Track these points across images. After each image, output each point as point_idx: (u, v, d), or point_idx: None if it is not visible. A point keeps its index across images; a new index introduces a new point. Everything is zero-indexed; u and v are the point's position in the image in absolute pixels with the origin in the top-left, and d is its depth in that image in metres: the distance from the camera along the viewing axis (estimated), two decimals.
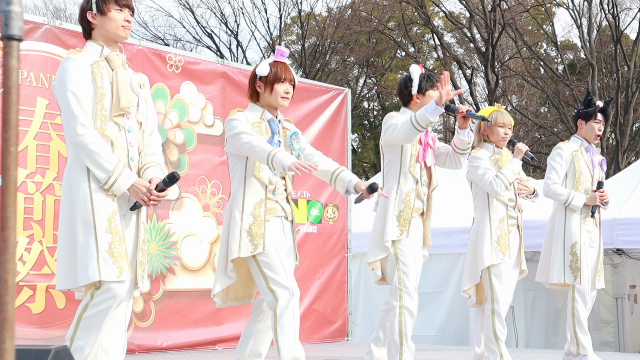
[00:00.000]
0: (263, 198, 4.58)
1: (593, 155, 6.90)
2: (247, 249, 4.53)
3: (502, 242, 6.14)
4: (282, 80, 4.69)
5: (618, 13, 24.96)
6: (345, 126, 9.98)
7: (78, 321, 4.07)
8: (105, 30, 4.26)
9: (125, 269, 4.09)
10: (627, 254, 10.76)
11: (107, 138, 4.13)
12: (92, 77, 4.14)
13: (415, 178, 5.39)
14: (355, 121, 28.70)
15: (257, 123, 4.63)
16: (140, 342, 7.76)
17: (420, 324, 10.40)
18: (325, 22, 27.78)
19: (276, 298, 4.48)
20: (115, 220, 4.10)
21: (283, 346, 4.54)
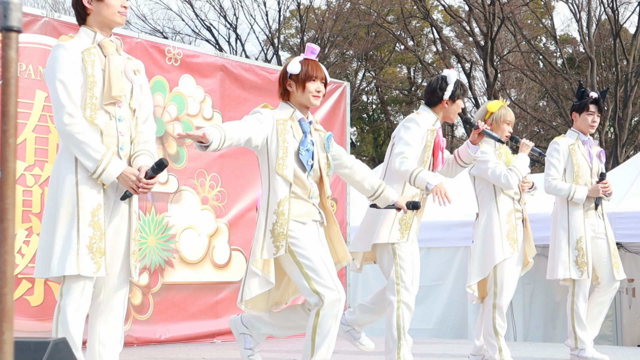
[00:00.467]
0: (287, 196, 4.44)
1: (590, 147, 6.90)
2: (269, 251, 4.42)
3: (511, 236, 6.15)
4: (313, 78, 4.54)
5: (617, 7, 24.94)
6: (344, 119, 9.98)
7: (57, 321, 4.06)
8: (101, 16, 4.18)
9: (102, 266, 4.04)
10: (626, 248, 10.76)
11: (97, 127, 4.07)
12: (83, 64, 4.07)
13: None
14: (354, 114, 28.68)
15: (284, 121, 4.49)
16: (138, 334, 7.76)
17: (418, 317, 10.41)
18: (324, 16, 27.77)
19: (322, 299, 4.39)
20: (99, 213, 4.05)
21: (318, 346, 4.47)
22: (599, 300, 6.85)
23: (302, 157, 4.47)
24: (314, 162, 4.53)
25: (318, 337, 4.46)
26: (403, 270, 5.30)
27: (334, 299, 4.39)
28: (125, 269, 4.19)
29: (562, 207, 6.79)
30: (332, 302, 4.39)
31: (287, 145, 4.44)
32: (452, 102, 5.50)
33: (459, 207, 11.21)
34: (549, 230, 7.05)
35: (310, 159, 4.50)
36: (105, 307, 4.16)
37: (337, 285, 4.44)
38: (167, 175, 8.14)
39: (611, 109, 24.60)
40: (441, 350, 7.92)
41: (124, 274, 4.19)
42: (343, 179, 4.95)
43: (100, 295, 4.17)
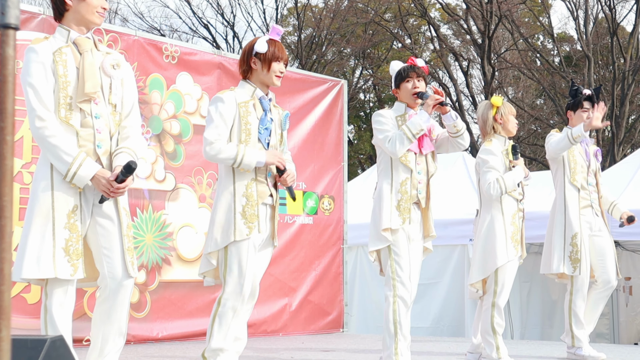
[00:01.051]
0: (254, 177, 4.57)
1: (587, 145, 6.91)
2: (242, 232, 4.51)
3: (515, 237, 6.15)
4: (279, 59, 4.66)
5: (614, 5, 24.95)
6: (342, 117, 9.98)
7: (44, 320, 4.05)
8: (79, 14, 4.16)
9: (79, 268, 4.03)
10: (622, 246, 10.78)
11: (72, 127, 4.04)
12: (54, 65, 4.05)
13: (408, 168, 5.36)
14: (351, 112, 28.69)
15: (245, 102, 4.60)
16: (136, 332, 7.76)
17: (415, 315, 10.41)
18: (321, 14, 27.74)
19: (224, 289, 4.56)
20: (75, 216, 4.04)
21: (215, 334, 4.61)
22: (595, 297, 6.86)
23: (260, 136, 4.58)
24: (271, 139, 4.65)
25: (216, 326, 4.64)
26: (398, 265, 5.30)
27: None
28: (122, 267, 4.16)
29: (559, 203, 6.80)
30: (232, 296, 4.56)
31: (250, 127, 4.56)
32: (398, 89, 5.52)
33: (456, 206, 11.23)
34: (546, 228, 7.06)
35: (268, 137, 4.63)
36: (108, 305, 4.15)
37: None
38: (165, 173, 8.14)
39: (608, 107, 24.60)
40: (438, 348, 7.92)
41: (122, 271, 4.16)
42: None
43: (105, 292, 4.15)
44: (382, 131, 5.35)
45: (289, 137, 9.36)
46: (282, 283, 9.11)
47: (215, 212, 4.61)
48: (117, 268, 4.13)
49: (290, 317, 9.18)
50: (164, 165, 8.16)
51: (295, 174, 4.77)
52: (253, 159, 4.53)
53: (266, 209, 4.66)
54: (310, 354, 7.23)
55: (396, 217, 5.30)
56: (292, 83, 9.30)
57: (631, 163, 11.74)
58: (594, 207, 6.84)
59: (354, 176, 18.89)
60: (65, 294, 4.05)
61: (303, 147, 9.49)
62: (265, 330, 8.86)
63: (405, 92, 5.47)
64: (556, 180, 6.89)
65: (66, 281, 4.04)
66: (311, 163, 9.57)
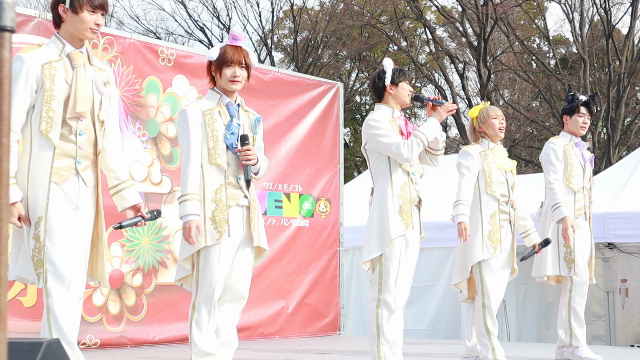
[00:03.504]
0: (223, 183, 4.57)
1: (582, 149, 6.93)
2: (212, 237, 4.51)
3: (493, 237, 6.14)
4: (228, 63, 4.60)
5: (610, 7, 24.99)
6: (338, 120, 9.99)
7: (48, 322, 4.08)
8: (73, 28, 4.18)
9: (41, 277, 4.08)
10: (619, 248, 10.79)
11: (49, 141, 4.09)
12: (40, 78, 4.07)
13: (406, 171, 5.34)
14: (347, 115, 28.69)
15: (210, 110, 4.58)
16: (132, 335, 7.76)
17: (412, 318, 10.43)
18: (317, 16, 27.76)
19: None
20: (39, 227, 4.08)
21: (196, 339, 4.58)
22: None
23: (226, 141, 4.56)
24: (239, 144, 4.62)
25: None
26: (387, 270, 5.27)
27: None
28: (100, 272, 4.32)
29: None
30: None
31: (217, 134, 4.55)
32: (395, 86, 5.43)
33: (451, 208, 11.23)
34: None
35: (235, 142, 4.59)
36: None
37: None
38: (161, 176, 8.14)
39: (604, 109, 24.65)
40: (434, 350, 7.92)
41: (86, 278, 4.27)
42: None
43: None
44: (387, 136, 5.28)
45: (286, 139, 9.36)
46: (278, 286, 9.11)
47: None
48: (83, 274, 4.23)
49: (287, 320, 9.18)
50: (160, 168, 8.15)
51: (258, 161, 4.67)
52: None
53: (242, 210, 4.65)
54: (307, 356, 7.23)
55: (399, 224, 5.27)
56: (288, 86, 9.30)
57: (627, 165, 11.75)
58: (586, 212, 6.86)
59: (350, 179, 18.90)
60: (68, 290, 4.07)
61: (299, 149, 9.50)
62: (261, 332, 8.86)
63: (403, 91, 5.44)
64: None
65: (67, 278, 4.06)
66: (307, 166, 9.57)
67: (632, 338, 11.08)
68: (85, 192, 4.21)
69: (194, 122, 4.54)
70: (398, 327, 5.38)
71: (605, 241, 10.29)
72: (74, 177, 4.17)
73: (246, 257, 4.69)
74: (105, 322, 7.61)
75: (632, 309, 11.26)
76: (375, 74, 5.57)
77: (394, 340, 5.33)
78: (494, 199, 6.20)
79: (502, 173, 6.27)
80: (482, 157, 6.21)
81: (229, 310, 4.69)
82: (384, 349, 5.28)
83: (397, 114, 5.43)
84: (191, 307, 4.60)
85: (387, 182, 5.32)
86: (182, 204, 4.48)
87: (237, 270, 4.67)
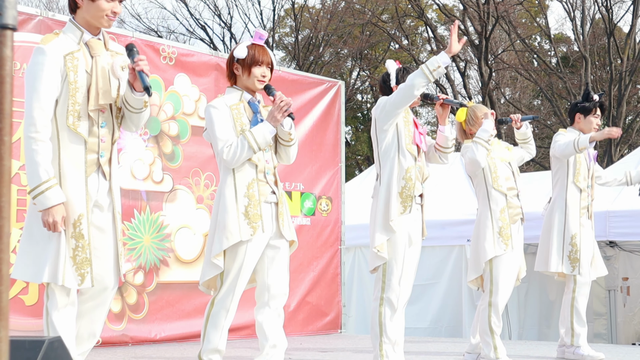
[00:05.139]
0: (255, 178, 4.55)
1: (589, 149, 6.94)
2: (246, 233, 4.48)
3: (504, 232, 6.13)
4: (259, 63, 4.63)
5: (611, 6, 24.98)
6: (339, 118, 9.99)
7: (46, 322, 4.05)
8: (89, 15, 4.06)
9: (87, 277, 4.01)
10: (620, 246, 10.78)
11: (80, 136, 4.01)
12: (65, 71, 3.98)
13: (413, 156, 5.33)
14: (348, 113, 28.67)
15: (236, 105, 4.59)
16: (133, 334, 7.76)
17: (413, 316, 10.42)
18: (318, 15, 27.76)
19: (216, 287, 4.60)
20: (81, 225, 4.01)
21: (209, 335, 4.59)
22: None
23: None
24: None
25: (210, 328, 4.60)
26: (390, 269, 5.27)
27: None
28: (116, 272, 4.18)
29: (559, 207, 6.80)
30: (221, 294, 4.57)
31: (245, 129, 4.54)
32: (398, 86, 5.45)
33: (454, 206, 11.24)
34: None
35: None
36: (90, 306, 4.16)
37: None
38: (162, 175, 8.14)
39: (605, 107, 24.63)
40: (436, 348, 7.92)
41: (112, 276, 4.17)
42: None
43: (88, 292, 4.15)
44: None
45: None
46: None
47: (217, 214, 4.56)
48: (108, 272, 4.14)
49: (288, 318, 9.14)
50: (161, 166, 8.15)
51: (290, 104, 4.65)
52: (265, 134, 4.52)
53: (270, 207, 4.63)
54: (308, 354, 7.23)
55: (398, 205, 5.24)
56: (289, 84, 9.30)
57: (628, 163, 11.75)
58: (589, 210, 6.88)
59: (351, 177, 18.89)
60: (68, 295, 4.04)
61: (300, 148, 9.48)
62: None
63: None
64: (557, 179, 6.90)
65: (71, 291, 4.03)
66: (309, 164, 9.57)
67: (633, 336, 11.08)
68: (103, 187, 4.14)
69: (224, 115, 4.53)
70: (399, 326, 5.38)
71: (607, 239, 10.29)
72: (94, 173, 4.10)
73: (280, 253, 4.66)
74: (107, 320, 7.60)
75: (634, 307, 11.25)
76: (381, 77, 5.58)
77: (396, 339, 5.33)
78: (501, 194, 6.21)
79: (506, 166, 6.28)
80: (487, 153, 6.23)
81: (272, 310, 4.61)
82: (386, 347, 5.27)
83: (410, 114, 5.44)
84: (210, 303, 4.58)
85: (395, 162, 5.29)
86: (259, 140, 4.49)
87: (274, 269, 4.62)
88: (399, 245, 5.26)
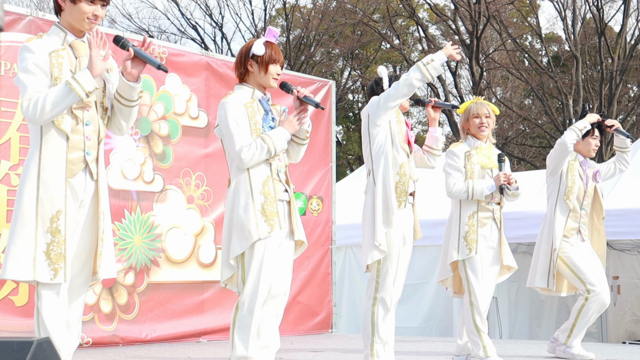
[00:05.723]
0: (269, 175, 4.54)
1: (588, 168, 6.92)
2: (264, 231, 4.43)
3: (469, 237, 6.16)
4: (276, 61, 4.62)
5: (602, 5, 25.03)
6: (330, 118, 9.99)
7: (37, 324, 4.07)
8: (71, 17, 4.14)
9: (60, 272, 4.03)
10: (610, 245, 10.79)
11: (63, 132, 4.05)
12: (49, 67, 4.04)
13: (406, 152, 5.34)
14: (339, 113, 28.71)
15: (250, 103, 4.55)
16: (124, 334, 7.76)
17: (404, 315, 10.43)
18: (310, 14, 27.77)
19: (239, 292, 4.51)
20: (58, 220, 4.03)
21: (236, 342, 4.46)
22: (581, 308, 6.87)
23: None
24: None
25: (238, 333, 4.49)
26: (385, 269, 5.27)
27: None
28: (87, 270, 4.20)
29: (549, 218, 6.82)
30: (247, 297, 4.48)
31: (259, 127, 4.54)
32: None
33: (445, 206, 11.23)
34: (534, 228, 7.08)
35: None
36: (64, 308, 4.16)
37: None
38: (153, 174, 8.13)
39: (596, 107, 24.69)
40: (427, 348, 7.94)
41: (84, 276, 4.21)
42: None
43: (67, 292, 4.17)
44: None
45: None
46: None
47: (232, 212, 4.49)
48: (84, 270, 4.18)
49: None
50: (152, 166, 8.14)
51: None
52: (283, 140, 4.56)
53: (283, 205, 4.61)
54: (299, 354, 7.23)
55: (394, 200, 5.25)
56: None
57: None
58: (582, 232, 6.85)
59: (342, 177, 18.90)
60: (58, 295, 4.06)
61: None
62: None
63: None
64: (549, 194, 6.91)
65: (57, 284, 4.05)
66: (299, 164, 9.49)
67: (624, 335, 11.11)
68: (90, 187, 4.17)
69: (240, 112, 4.50)
70: (390, 325, 5.39)
71: None
72: (81, 172, 4.13)
73: (287, 252, 4.64)
74: (98, 320, 7.60)
75: (624, 306, 11.28)
76: (372, 82, 5.59)
77: (387, 339, 5.34)
78: (473, 201, 6.21)
79: (486, 173, 6.25)
80: (466, 158, 6.22)
81: (270, 310, 4.59)
82: (377, 347, 5.28)
83: (401, 114, 5.46)
84: (235, 307, 4.48)
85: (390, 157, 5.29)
86: (278, 145, 4.54)
87: (278, 267, 4.58)
88: (394, 244, 5.27)
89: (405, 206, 5.30)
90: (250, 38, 28.09)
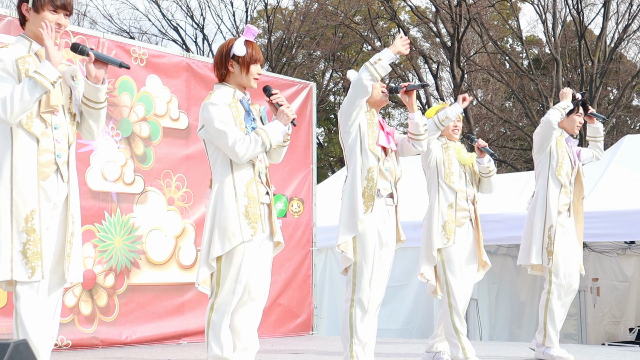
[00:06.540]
0: (253, 177, 4.52)
1: (573, 147, 6.99)
2: (247, 233, 4.42)
3: (448, 227, 6.23)
4: (257, 61, 4.60)
5: (582, 8, 25.15)
6: (311, 120, 9.99)
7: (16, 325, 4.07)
8: (35, 27, 4.19)
9: (37, 270, 4.05)
10: (590, 247, 10.86)
11: (32, 135, 4.09)
12: (17, 73, 4.08)
13: (376, 156, 5.33)
14: (321, 115, 28.70)
15: (233, 103, 4.53)
16: (104, 336, 7.73)
17: (385, 317, 10.44)
18: (291, 16, 27.75)
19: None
20: (33, 220, 4.05)
21: (211, 343, 4.47)
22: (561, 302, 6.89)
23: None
24: None
25: (211, 332, 4.51)
26: (360, 270, 5.26)
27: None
28: (60, 271, 4.21)
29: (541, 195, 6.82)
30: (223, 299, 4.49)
31: (243, 127, 4.51)
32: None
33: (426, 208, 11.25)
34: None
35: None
36: (39, 309, 4.16)
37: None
38: (134, 176, 8.10)
39: None
40: (407, 350, 7.95)
41: (57, 277, 4.21)
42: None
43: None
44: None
45: None
46: None
47: (214, 213, 4.46)
48: (57, 269, 4.19)
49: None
50: (133, 168, 8.12)
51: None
52: (278, 133, 4.55)
53: (264, 207, 4.59)
54: (280, 356, 7.23)
55: (361, 205, 5.24)
56: (261, 86, 9.28)
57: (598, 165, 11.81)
58: (571, 208, 6.89)
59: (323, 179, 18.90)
60: (37, 293, 4.07)
61: None
62: None
63: (376, 91, 5.45)
64: (539, 172, 6.92)
65: (35, 282, 4.04)
66: (280, 165, 9.55)
67: (603, 336, 11.17)
68: (62, 189, 4.20)
69: (225, 110, 4.48)
70: (372, 328, 5.37)
71: None
72: (53, 174, 4.16)
73: (266, 254, 4.63)
74: (77, 322, 7.57)
75: (603, 307, 11.34)
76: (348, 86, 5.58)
77: (366, 341, 5.33)
78: (452, 191, 6.31)
79: (462, 168, 6.38)
80: (443, 149, 6.32)
81: (249, 311, 4.58)
82: (356, 348, 5.27)
83: (376, 115, 5.45)
84: (209, 309, 4.49)
85: (358, 162, 5.30)
86: (273, 139, 4.53)
87: (257, 269, 4.57)
88: (369, 245, 5.24)
89: (372, 210, 5.26)
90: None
